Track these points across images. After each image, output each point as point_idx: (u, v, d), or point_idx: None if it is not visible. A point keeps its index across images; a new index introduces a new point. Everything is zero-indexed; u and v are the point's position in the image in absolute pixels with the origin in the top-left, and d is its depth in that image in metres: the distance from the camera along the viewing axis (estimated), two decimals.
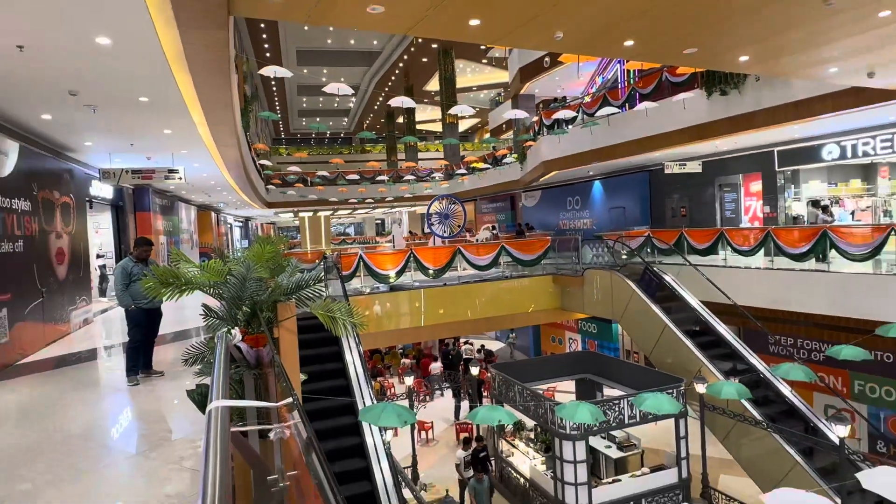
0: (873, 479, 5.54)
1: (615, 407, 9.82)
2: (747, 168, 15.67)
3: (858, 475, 5.67)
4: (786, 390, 10.18)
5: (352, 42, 28.00)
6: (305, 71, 29.70)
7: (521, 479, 11.33)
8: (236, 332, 3.54)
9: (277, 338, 3.70)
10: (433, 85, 32.12)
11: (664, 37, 6.36)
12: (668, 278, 12.80)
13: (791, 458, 9.05)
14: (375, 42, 28.31)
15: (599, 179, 20.76)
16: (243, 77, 14.35)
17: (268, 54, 27.22)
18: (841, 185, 14.98)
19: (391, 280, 13.25)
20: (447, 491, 10.94)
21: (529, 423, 11.92)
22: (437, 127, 39.05)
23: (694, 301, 12.19)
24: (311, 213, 35.66)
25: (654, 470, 10.36)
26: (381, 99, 35.70)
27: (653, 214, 18.47)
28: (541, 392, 10.91)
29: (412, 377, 11.44)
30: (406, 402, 11.28)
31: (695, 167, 16.14)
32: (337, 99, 35.19)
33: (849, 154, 13.08)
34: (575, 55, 15.05)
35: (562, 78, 21.26)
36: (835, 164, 13.69)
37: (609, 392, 12.17)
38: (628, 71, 18.28)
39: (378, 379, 19.72)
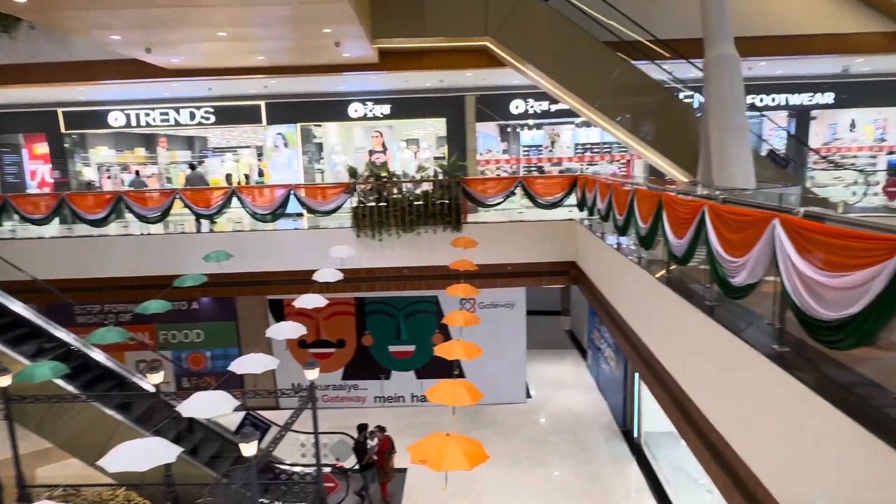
0: (189, 406, 6.14)
1: None
2: (30, 127, 13.84)
3: (178, 408, 6.15)
4: (99, 356, 9.84)
5: None
6: None
7: None
8: None
9: None
10: None
11: None
12: None
13: (113, 420, 8.89)
14: None
15: None
16: None
17: None
18: (127, 153, 15.39)
19: None
20: None
21: None
22: None
23: None
24: None
25: None
26: None
27: None
28: None
29: None
30: None
31: None
32: None
33: (133, 122, 13.59)
34: None
35: None
36: (122, 131, 13.94)
37: None
38: None
39: None
